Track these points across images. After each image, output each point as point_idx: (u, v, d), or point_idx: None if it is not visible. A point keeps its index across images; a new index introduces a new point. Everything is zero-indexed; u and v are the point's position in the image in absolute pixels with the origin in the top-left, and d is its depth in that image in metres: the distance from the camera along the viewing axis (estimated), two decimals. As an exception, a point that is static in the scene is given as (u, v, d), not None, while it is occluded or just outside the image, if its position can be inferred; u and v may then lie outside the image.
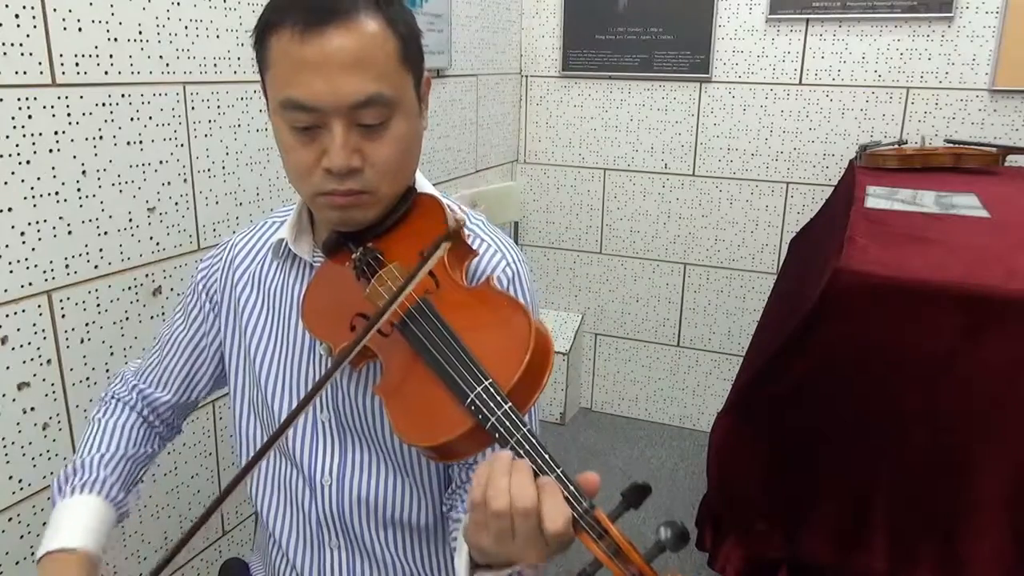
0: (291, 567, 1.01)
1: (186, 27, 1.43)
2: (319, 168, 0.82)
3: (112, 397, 1.07)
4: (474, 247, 0.88)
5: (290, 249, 0.95)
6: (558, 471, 0.65)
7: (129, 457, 1.02)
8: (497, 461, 0.66)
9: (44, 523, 1.29)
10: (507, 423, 0.66)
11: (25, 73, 1.18)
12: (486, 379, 0.68)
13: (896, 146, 2.30)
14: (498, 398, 0.66)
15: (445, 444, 0.68)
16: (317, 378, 0.94)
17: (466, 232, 0.87)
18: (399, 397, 0.75)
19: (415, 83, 0.86)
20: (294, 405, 0.96)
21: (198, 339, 1.05)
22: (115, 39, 1.31)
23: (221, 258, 1.03)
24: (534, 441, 0.66)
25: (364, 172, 0.82)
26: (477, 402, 0.67)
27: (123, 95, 1.33)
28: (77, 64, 1.25)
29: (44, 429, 1.28)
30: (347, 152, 0.80)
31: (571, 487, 0.64)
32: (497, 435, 0.66)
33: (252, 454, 1.01)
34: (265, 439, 0.99)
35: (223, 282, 1.02)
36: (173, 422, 1.10)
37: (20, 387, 1.23)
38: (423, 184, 0.95)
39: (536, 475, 0.65)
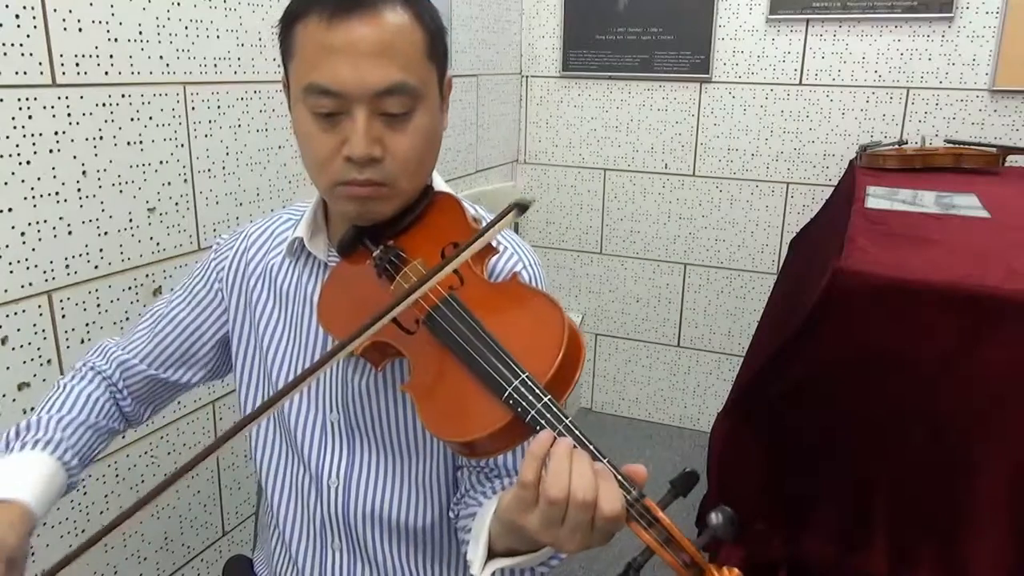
0: (294, 566, 1.01)
1: (186, 27, 1.43)
2: (339, 157, 0.81)
3: (86, 366, 1.02)
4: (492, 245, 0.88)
5: (305, 248, 0.94)
6: (605, 460, 0.65)
7: (91, 426, 0.96)
8: (559, 445, 0.64)
9: (44, 523, 1.29)
10: (548, 416, 0.65)
11: (25, 73, 1.18)
12: (523, 372, 0.67)
13: (896, 146, 2.30)
14: (537, 391, 0.66)
15: (483, 438, 0.68)
16: (333, 377, 0.94)
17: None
18: (430, 393, 0.74)
19: (439, 79, 0.86)
20: (306, 402, 0.95)
21: (199, 322, 1.02)
22: (115, 39, 1.31)
23: (234, 247, 1.02)
24: (578, 432, 0.65)
25: (384, 163, 0.81)
26: (515, 395, 0.66)
27: (123, 95, 1.33)
28: (77, 64, 1.25)
29: (44, 429, 1.28)
30: (369, 140, 0.79)
31: (620, 476, 0.64)
32: (538, 428, 0.66)
33: (264, 449, 1.01)
34: (278, 436, 0.99)
35: (234, 271, 1.01)
36: (140, 404, 1.04)
37: (20, 387, 1.23)
38: (439, 184, 0.94)
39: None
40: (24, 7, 1.16)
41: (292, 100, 0.85)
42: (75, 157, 1.27)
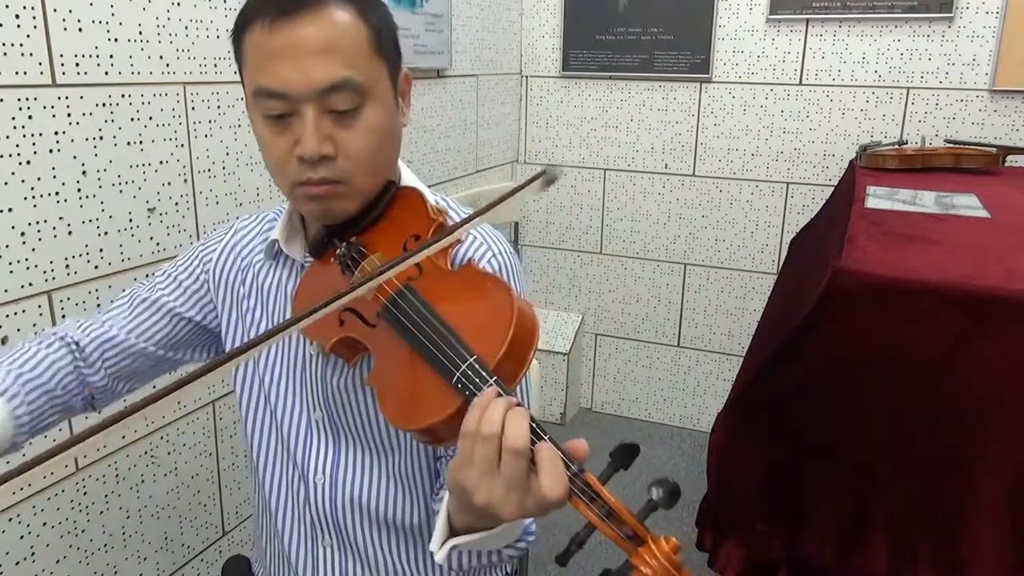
0: (287, 562, 1.02)
1: (186, 27, 1.43)
2: (293, 157, 0.82)
3: (56, 336, 0.97)
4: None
5: (282, 250, 0.96)
6: (546, 437, 0.64)
7: (48, 391, 0.91)
8: (498, 400, 0.64)
9: (44, 523, 1.29)
10: None
11: (25, 73, 1.18)
12: (471, 356, 0.67)
13: (896, 146, 2.30)
14: (484, 374, 0.66)
15: (434, 425, 0.68)
16: (313, 377, 0.95)
17: (449, 221, 0.87)
18: (389, 384, 0.75)
19: (390, 75, 0.86)
20: (295, 404, 0.97)
21: (182, 309, 1.01)
22: (115, 39, 1.31)
23: (223, 241, 1.03)
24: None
25: (337, 161, 0.82)
26: (463, 379, 0.66)
27: (123, 95, 1.33)
28: (77, 64, 1.25)
29: (44, 429, 1.28)
30: (318, 138, 0.80)
31: (561, 452, 0.64)
32: None
33: (262, 448, 1.01)
34: (274, 436, 0.99)
35: (222, 264, 1.02)
36: (117, 379, 1.00)
37: (20, 387, 1.23)
38: (408, 178, 0.95)
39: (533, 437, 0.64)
40: (24, 7, 1.16)
41: (248, 107, 0.86)
42: (75, 157, 1.27)
